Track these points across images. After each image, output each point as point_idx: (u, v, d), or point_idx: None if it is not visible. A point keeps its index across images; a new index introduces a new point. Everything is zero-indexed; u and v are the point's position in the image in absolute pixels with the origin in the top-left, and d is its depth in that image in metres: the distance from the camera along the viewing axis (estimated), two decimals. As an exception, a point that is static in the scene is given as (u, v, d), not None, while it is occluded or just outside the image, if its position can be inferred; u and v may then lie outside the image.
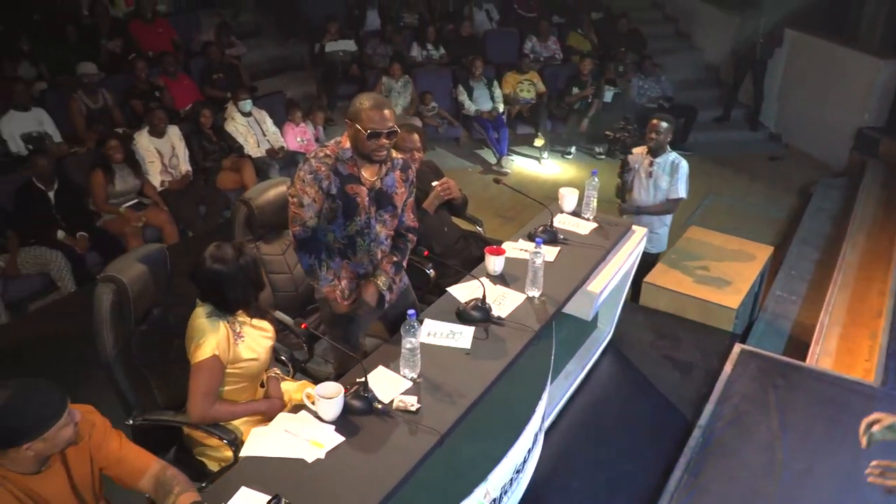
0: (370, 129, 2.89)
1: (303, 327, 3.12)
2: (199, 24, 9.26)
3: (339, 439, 2.53)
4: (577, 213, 4.26)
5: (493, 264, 3.56)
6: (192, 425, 2.81)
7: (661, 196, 5.12)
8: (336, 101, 8.90)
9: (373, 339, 3.47)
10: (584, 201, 4.23)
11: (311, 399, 2.64)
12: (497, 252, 3.57)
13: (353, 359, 2.93)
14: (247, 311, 2.91)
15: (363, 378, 2.68)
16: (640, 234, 4.29)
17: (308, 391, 2.68)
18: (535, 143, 8.89)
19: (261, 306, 3.05)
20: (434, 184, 4.08)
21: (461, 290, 3.43)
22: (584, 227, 4.12)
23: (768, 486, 3.63)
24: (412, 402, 2.69)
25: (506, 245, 3.80)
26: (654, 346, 4.79)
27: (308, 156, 3.02)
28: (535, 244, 3.39)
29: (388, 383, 2.80)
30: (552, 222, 4.00)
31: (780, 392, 4.24)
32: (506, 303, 3.36)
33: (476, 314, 3.23)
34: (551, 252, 3.77)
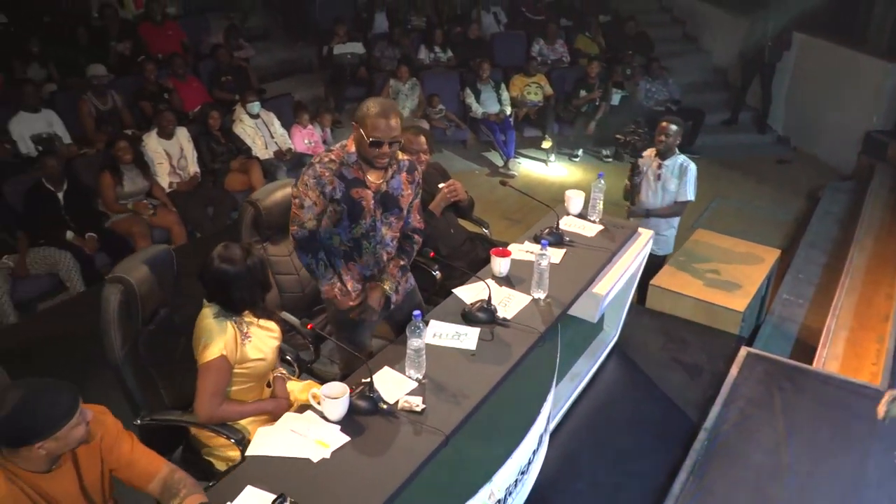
0: (373, 138, 2.89)
1: (309, 328, 3.14)
2: (209, 27, 9.31)
3: (345, 439, 2.54)
4: (583, 215, 4.27)
5: (499, 266, 3.57)
6: (200, 425, 2.82)
7: (669, 198, 5.12)
8: (344, 103, 8.93)
9: (378, 340, 3.47)
10: (590, 204, 4.23)
11: (317, 399, 2.65)
12: (503, 254, 3.58)
13: (358, 359, 2.93)
14: (253, 312, 2.92)
15: (368, 378, 2.69)
16: (646, 236, 4.29)
17: (314, 391, 2.69)
18: (543, 146, 8.90)
19: (267, 307, 3.06)
20: (440, 186, 4.09)
21: (467, 292, 3.44)
22: (590, 229, 4.13)
23: (774, 488, 3.62)
24: (417, 402, 2.70)
25: (511, 247, 3.81)
26: (660, 349, 4.78)
27: (313, 160, 3.03)
28: (541, 246, 3.40)
29: (394, 384, 2.81)
30: (558, 224, 4.01)
31: (786, 395, 4.24)
32: (511, 304, 3.37)
33: (481, 315, 3.23)
34: (557, 254, 3.78)
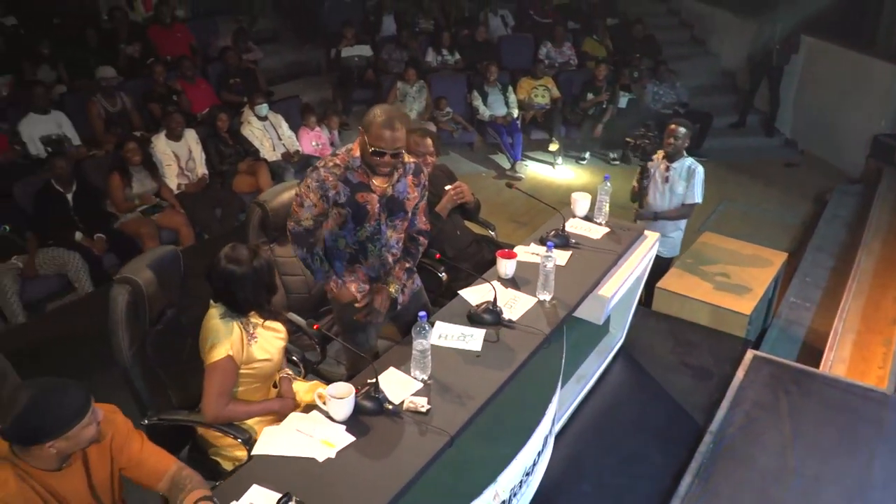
0: (375, 147, 2.90)
1: (315, 328, 3.15)
2: (217, 30, 9.34)
3: (350, 439, 2.56)
4: (589, 217, 4.27)
5: (505, 268, 3.58)
6: (207, 425, 2.83)
7: (676, 201, 5.13)
8: (351, 105, 8.95)
9: (384, 341, 3.49)
10: (596, 206, 4.24)
11: (323, 399, 2.66)
12: (509, 256, 3.59)
13: (364, 360, 2.95)
14: (260, 313, 2.94)
15: (374, 379, 2.70)
16: (652, 238, 4.30)
17: (320, 391, 2.71)
18: (550, 149, 8.89)
19: (274, 308, 3.08)
20: (447, 188, 4.10)
21: (472, 293, 3.45)
22: (596, 231, 4.13)
23: (779, 491, 3.62)
24: (422, 403, 2.71)
25: (517, 249, 3.82)
26: (666, 352, 4.78)
27: (318, 164, 3.05)
28: (547, 248, 3.40)
29: (399, 384, 2.83)
30: (564, 227, 4.01)
31: (792, 398, 4.23)
32: (517, 306, 3.37)
33: (487, 317, 3.24)
34: (563, 256, 3.78)
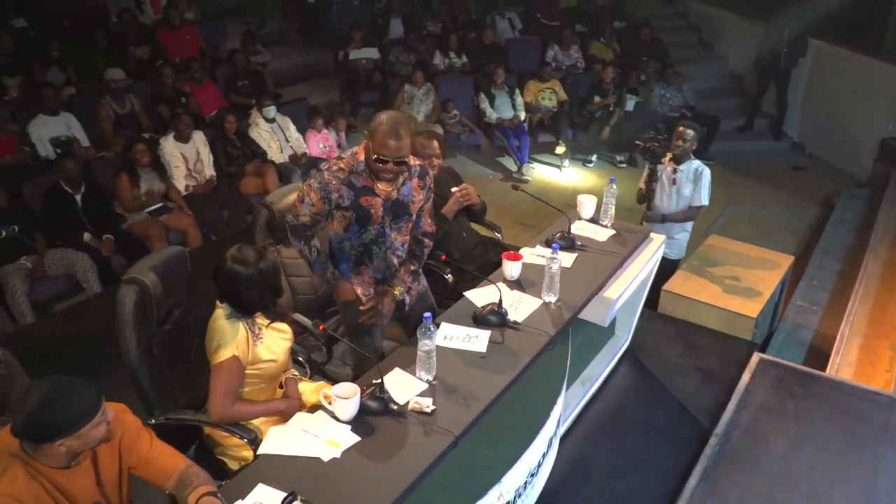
0: (378, 155, 2.91)
1: (321, 329, 3.17)
2: (226, 32, 9.38)
3: (355, 439, 2.57)
4: (595, 220, 4.27)
5: (510, 269, 3.59)
6: (213, 424, 2.85)
7: (683, 203, 5.13)
8: (359, 108, 8.99)
9: (390, 342, 3.50)
10: (602, 208, 4.24)
11: (328, 399, 2.67)
12: (514, 257, 3.60)
13: (370, 361, 2.96)
14: (265, 314, 2.95)
15: (379, 379, 2.71)
16: (658, 241, 4.29)
17: (325, 391, 2.72)
18: (556, 151, 8.89)
19: (280, 309, 3.09)
20: (453, 190, 4.11)
21: (478, 295, 3.45)
22: (601, 233, 4.14)
23: (785, 494, 3.62)
24: (427, 403, 2.72)
25: (523, 251, 3.82)
26: (672, 354, 4.77)
27: (323, 166, 3.07)
28: (552, 250, 3.41)
29: (404, 385, 2.83)
30: (570, 229, 4.02)
31: (798, 401, 4.23)
32: (522, 308, 3.38)
33: (492, 318, 3.25)
34: (568, 258, 3.79)
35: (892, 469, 3.77)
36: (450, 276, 4.00)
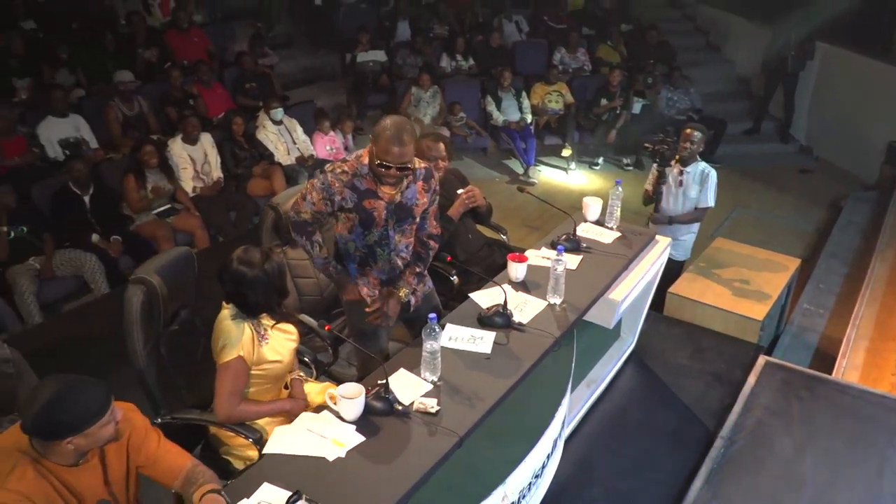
0: (381, 161, 2.92)
1: (326, 329, 3.18)
2: (234, 35, 9.41)
3: (360, 439, 2.58)
4: (600, 222, 4.28)
5: (516, 271, 3.60)
6: (219, 424, 2.87)
7: (689, 205, 5.14)
8: (366, 110, 9.00)
9: (395, 343, 3.51)
10: (607, 211, 4.25)
11: (333, 399, 2.69)
12: (519, 259, 3.61)
13: (375, 362, 2.97)
14: (271, 315, 2.96)
15: (384, 380, 2.72)
16: (663, 243, 4.30)
17: (330, 391, 2.73)
18: (563, 154, 8.90)
19: (286, 309, 3.10)
20: (459, 192, 4.12)
21: (483, 296, 3.47)
22: (607, 235, 4.14)
23: (790, 497, 3.61)
24: (432, 404, 2.73)
25: (528, 252, 3.83)
26: (677, 357, 4.77)
27: (327, 168, 3.08)
28: (557, 252, 3.42)
29: (409, 385, 2.85)
30: (575, 231, 4.02)
31: (804, 404, 4.22)
32: (527, 309, 3.39)
33: (497, 320, 3.26)
34: (573, 260, 3.80)
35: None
36: (455, 277, 4.01)
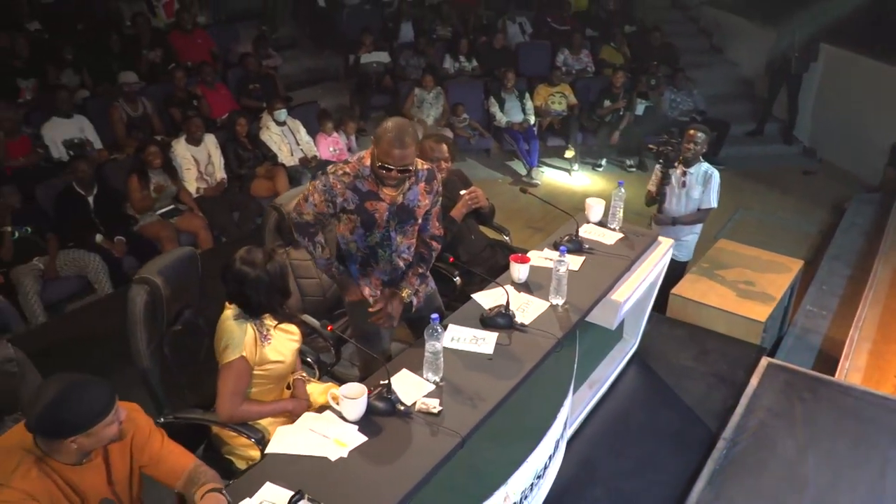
0: (381, 163, 2.92)
1: (329, 329, 3.19)
2: (238, 36, 9.43)
3: (362, 439, 2.59)
4: (603, 223, 4.28)
5: (518, 272, 3.60)
6: (221, 424, 2.87)
7: (693, 206, 5.14)
8: (369, 111, 9.01)
9: (398, 344, 3.52)
10: (610, 212, 4.25)
11: (336, 399, 2.69)
12: (522, 260, 3.61)
13: (378, 362, 2.98)
14: (273, 315, 2.97)
15: (387, 380, 2.73)
16: (666, 244, 4.29)
17: (333, 392, 2.74)
18: (566, 155, 8.91)
19: (288, 310, 3.11)
20: (462, 193, 4.12)
21: (486, 297, 3.47)
22: (609, 237, 4.14)
23: (792, 499, 3.61)
24: (434, 404, 2.74)
25: (531, 253, 3.83)
26: (680, 358, 4.77)
27: (329, 170, 3.09)
28: (560, 253, 3.42)
29: (411, 386, 2.85)
30: (577, 232, 4.02)
31: (806, 406, 4.22)
32: (529, 310, 3.39)
33: (500, 320, 3.26)
34: (576, 261, 3.80)
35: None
36: (458, 278, 4.01)
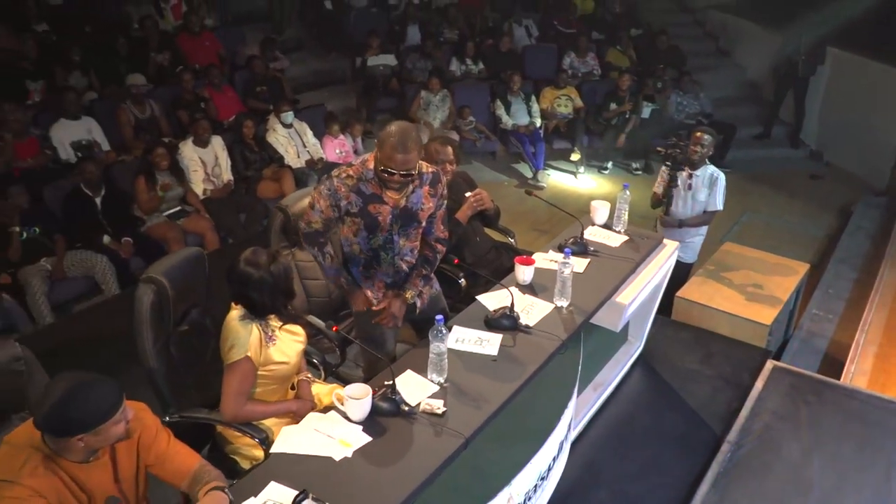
0: (384, 167, 2.93)
1: (334, 330, 3.20)
2: (245, 39, 9.46)
3: (367, 439, 2.59)
4: (608, 225, 4.29)
5: (523, 274, 3.61)
6: (226, 423, 2.89)
7: (698, 208, 5.15)
8: (375, 114, 9.02)
9: (402, 345, 3.53)
10: (615, 214, 4.26)
11: (341, 399, 2.70)
12: (526, 262, 3.62)
13: (382, 362, 2.99)
14: (278, 317, 2.98)
15: (391, 381, 2.74)
16: (671, 247, 4.30)
17: (337, 392, 2.75)
18: (572, 158, 8.91)
19: (294, 311, 3.12)
20: (467, 195, 4.14)
21: (490, 299, 3.47)
22: (614, 239, 4.15)
23: (797, 502, 3.61)
24: (438, 405, 2.74)
25: (535, 255, 3.83)
26: (685, 361, 4.76)
27: (333, 173, 3.10)
28: (564, 255, 3.43)
29: (416, 387, 2.86)
30: (582, 234, 4.03)
31: (812, 409, 4.21)
32: (534, 312, 3.40)
33: (504, 322, 3.27)
34: (581, 263, 3.80)
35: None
36: (463, 280, 4.03)
